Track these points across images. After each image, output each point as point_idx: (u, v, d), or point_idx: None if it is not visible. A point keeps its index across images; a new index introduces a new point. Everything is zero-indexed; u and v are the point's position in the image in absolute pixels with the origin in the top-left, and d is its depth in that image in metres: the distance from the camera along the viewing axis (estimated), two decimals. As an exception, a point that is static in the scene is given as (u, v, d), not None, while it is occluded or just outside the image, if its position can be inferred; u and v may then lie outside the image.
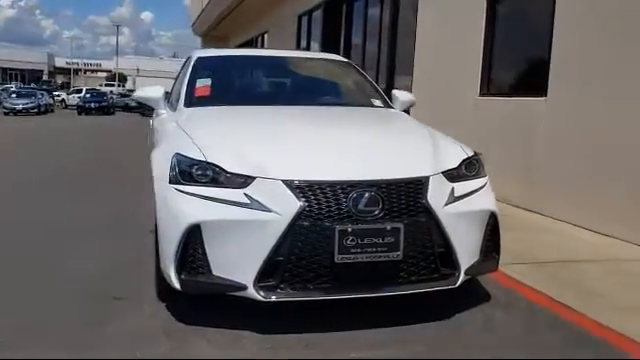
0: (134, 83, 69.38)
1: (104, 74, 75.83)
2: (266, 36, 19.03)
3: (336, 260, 2.80)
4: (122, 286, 3.54)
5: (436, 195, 3.00)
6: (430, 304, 3.19)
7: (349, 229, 2.79)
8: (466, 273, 3.08)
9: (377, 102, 4.45)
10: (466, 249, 3.08)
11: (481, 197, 3.23)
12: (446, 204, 3.02)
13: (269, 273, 2.82)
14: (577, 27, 5.54)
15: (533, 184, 6.04)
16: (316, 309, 3.04)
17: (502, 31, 6.89)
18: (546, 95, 5.95)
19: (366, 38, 11.56)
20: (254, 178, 2.90)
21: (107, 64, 77.89)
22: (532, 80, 6.24)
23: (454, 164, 3.22)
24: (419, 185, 2.99)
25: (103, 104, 34.86)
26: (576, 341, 2.92)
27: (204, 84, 4.23)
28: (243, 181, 2.91)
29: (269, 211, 2.81)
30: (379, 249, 2.84)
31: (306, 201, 2.81)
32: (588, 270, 4.07)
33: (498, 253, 3.30)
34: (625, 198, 4.89)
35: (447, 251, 3.01)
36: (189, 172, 3.00)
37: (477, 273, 3.23)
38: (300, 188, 2.84)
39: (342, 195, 2.85)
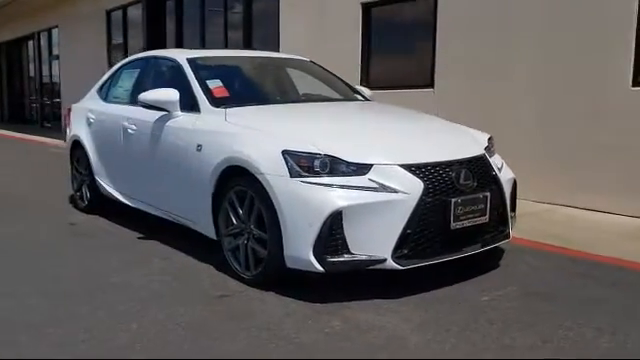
0: None
1: None
2: (55, 32, 17.50)
3: (451, 227, 3.39)
4: (205, 285, 3.61)
5: (495, 167, 3.77)
6: (473, 260, 3.89)
7: (459, 200, 3.41)
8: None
9: (359, 96, 5.04)
10: (509, 209, 3.91)
11: (506, 168, 4.08)
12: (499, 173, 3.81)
13: (401, 245, 3.29)
14: (455, 31, 6.81)
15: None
16: (404, 275, 3.55)
17: (383, 34, 7.90)
18: (433, 87, 7.14)
19: (205, 38, 11.65)
20: (371, 165, 3.33)
21: None
22: (421, 75, 7.35)
23: (486, 143, 4.02)
24: (484, 160, 3.73)
25: None
26: (598, 266, 3.95)
27: (217, 85, 4.32)
28: (361, 169, 3.32)
29: (396, 192, 3.28)
30: (475, 215, 3.51)
31: (424, 180, 3.34)
32: (533, 222, 5.22)
33: (515, 211, 4.19)
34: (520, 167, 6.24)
35: (503, 212, 3.81)
36: (311, 165, 3.30)
37: (512, 227, 4.07)
38: (414, 171, 3.36)
39: (445, 173, 3.44)
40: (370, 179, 3.29)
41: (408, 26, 7.68)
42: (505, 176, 3.89)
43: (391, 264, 3.27)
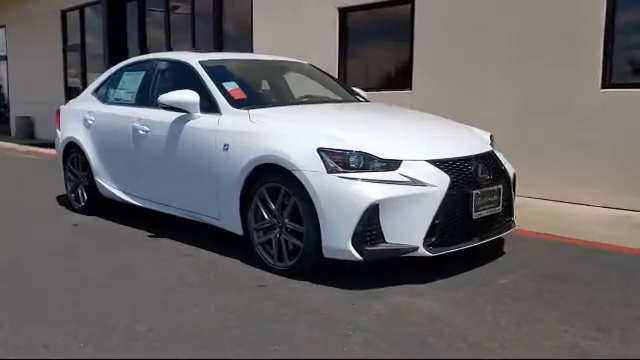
0: None
1: None
2: (1, 32, 16.94)
3: (473, 217, 3.71)
4: (240, 277, 3.79)
5: (502, 162, 4.13)
6: (479, 248, 4.21)
7: (479, 192, 3.74)
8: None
9: (359, 97, 5.32)
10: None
11: (507, 163, 4.45)
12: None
13: (431, 234, 3.58)
14: (432, 34, 7.21)
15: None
16: (423, 262, 3.84)
17: (360, 38, 8.21)
18: (411, 89, 7.51)
19: (170, 39, 11.64)
20: (401, 161, 3.61)
21: None
22: (399, 77, 7.72)
23: (489, 140, 4.38)
24: (494, 155, 4.08)
25: None
26: (593, 251, 4.37)
27: (234, 87, 4.49)
28: (391, 164, 3.59)
29: (425, 185, 3.56)
30: (491, 205, 3.85)
31: (449, 174, 3.64)
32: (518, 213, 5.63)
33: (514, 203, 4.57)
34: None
35: (509, 203, 4.16)
36: (346, 162, 3.55)
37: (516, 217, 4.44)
38: (439, 165, 3.66)
39: (465, 167, 3.76)
40: (401, 174, 3.56)
41: (385, 30, 8.01)
42: (509, 170, 4.25)
43: (422, 252, 3.55)
